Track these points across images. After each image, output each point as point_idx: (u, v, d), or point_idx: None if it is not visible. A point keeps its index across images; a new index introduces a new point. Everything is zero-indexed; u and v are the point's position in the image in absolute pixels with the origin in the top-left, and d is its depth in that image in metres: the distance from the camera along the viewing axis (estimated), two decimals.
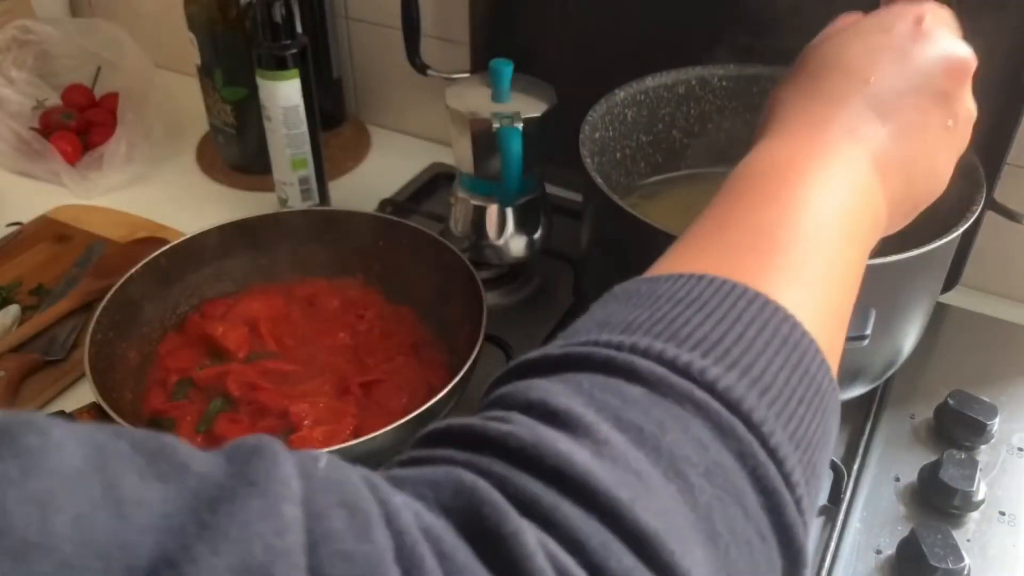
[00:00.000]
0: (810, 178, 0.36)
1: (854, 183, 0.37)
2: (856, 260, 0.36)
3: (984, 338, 0.77)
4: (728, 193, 0.36)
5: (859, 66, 0.40)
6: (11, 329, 0.76)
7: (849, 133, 0.38)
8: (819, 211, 0.35)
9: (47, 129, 1.00)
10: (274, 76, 0.79)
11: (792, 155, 0.37)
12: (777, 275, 0.32)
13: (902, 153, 0.39)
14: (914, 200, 0.41)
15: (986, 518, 0.61)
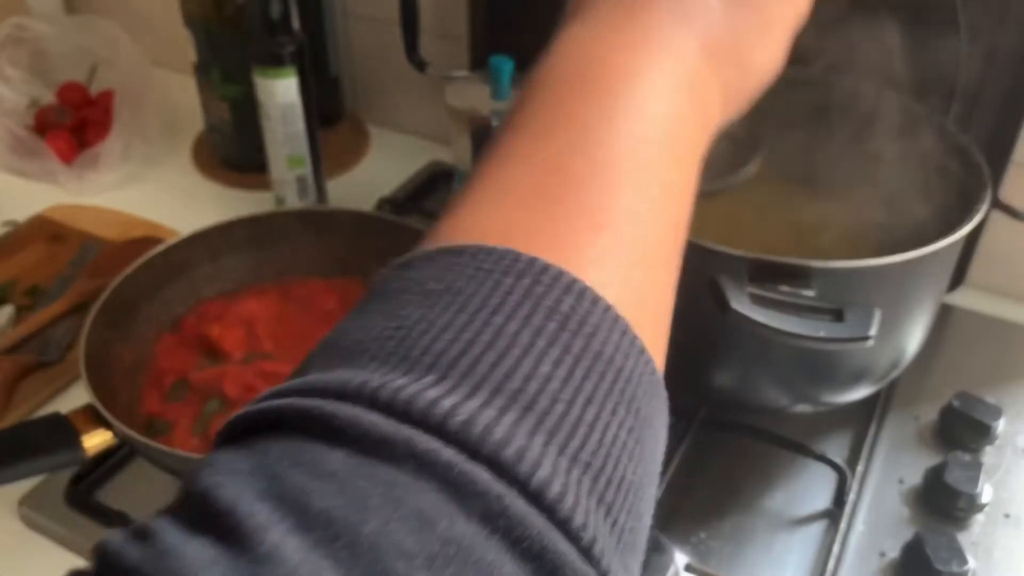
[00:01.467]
0: (628, 82, 0.29)
1: (682, 81, 0.30)
2: (686, 181, 0.30)
3: (989, 339, 0.76)
4: (525, 107, 0.29)
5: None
6: (5, 330, 0.76)
7: (675, 11, 0.31)
8: (640, 129, 0.28)
9: (42, 127, 0.99)
10: (271, 74, 0.78)
11: (604, 48, 0.30)
12: (582, 235, 0.25)
13: (736, 28, 0.32)
14: (749, 86, 0.34)
15: (991, 520, 0.60)
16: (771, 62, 0.35)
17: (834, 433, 0.67)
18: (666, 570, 0.54)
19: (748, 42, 0.33)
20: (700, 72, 0.31)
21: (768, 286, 0.49)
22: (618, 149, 0.27)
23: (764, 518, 0.61)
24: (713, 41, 0.31)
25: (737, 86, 0.33)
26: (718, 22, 0.32)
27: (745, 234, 0.67)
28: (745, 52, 0.33)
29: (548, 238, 0.24)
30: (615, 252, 0.25)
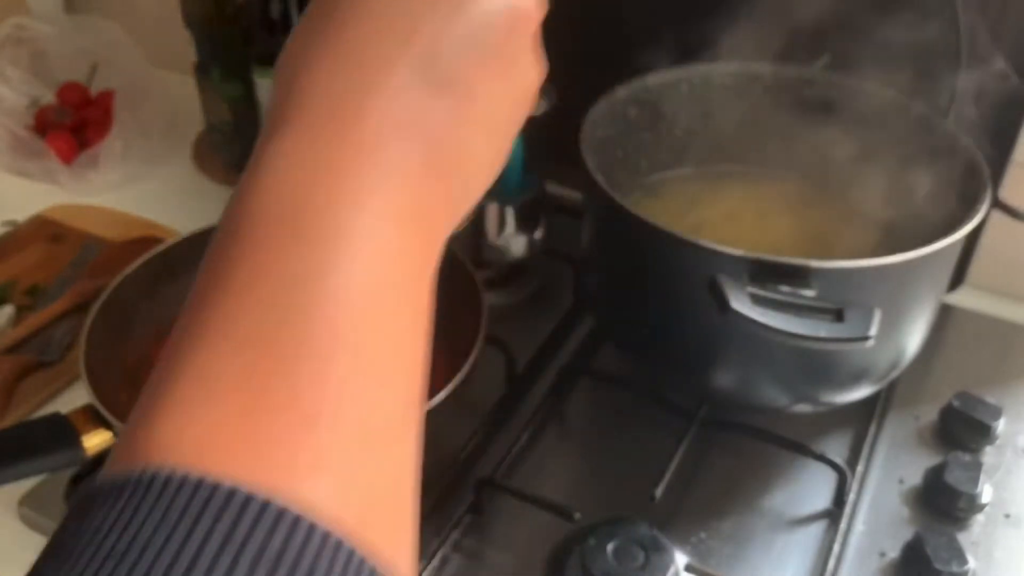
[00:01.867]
0: (340, 220, 0.24)
1: (404, 206, 0.26)
2: (416, 320, 0.26)
3: (989, 339, 0.76)
4: (223, 253, 0.25)
5: (402, 16, 0.28)
6: (5, 330, 0.76)
7: (394, 119, 0.27)
8: (358, 280, 0.24)
9: (42, 127, 0.99)
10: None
11: (312, 174, 0.25)
12: (294, 436, 0.21)
13: (461, 134, 0.29)
14: (474, 193, 0.31)
15: (991, 521, 0.61)
16: (497, 165, 0.32)
17: (834, 433, 0.67)
18: (666, 570, 0.54)
19: (475, 146, 0.30)
20: (425, 189, 0.27)
21: (768, 286, 0.49)
22: (332, 311, 0.23)
23: (764, 518, 0.61)
24: (437, 150, 0.28)
25: (463, 195, 0.30)
26: (442, 128, 0.28)
27: (745, 234, 0.67)
28: (472, 157, 0.30)
29: (252, 448, 0.21)
30: (334, 451, 0.22)
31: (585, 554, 0.55)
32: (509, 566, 0.58)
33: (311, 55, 0.28)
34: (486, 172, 0.31)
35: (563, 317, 0.76)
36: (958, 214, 0.56)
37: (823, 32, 0.64)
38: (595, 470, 0.66)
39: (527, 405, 0.69)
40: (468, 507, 0.60)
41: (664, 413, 0.66)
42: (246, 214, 0.25)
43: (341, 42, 0.28)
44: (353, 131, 0.26)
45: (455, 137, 0.29)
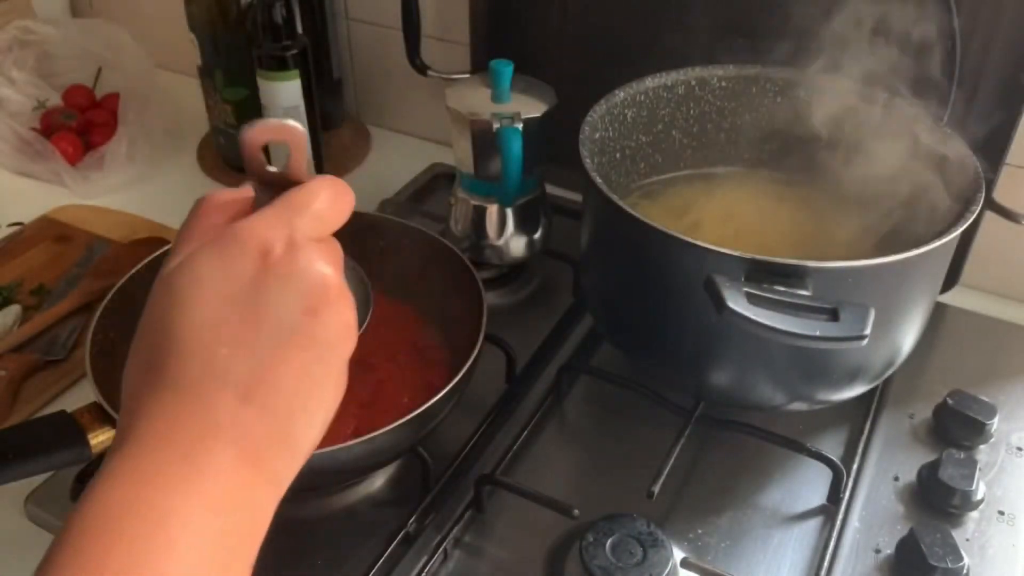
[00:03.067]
0: (161, 521, 0.29)
1: (221, 498, 0.31)
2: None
3: (983, 338, 0.77)
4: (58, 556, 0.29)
5: (204, 336, 0.32)
6: (12, 329, 0.76)
7: (208, 431, 0.32)
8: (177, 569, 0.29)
9: (48, 129, 1.00)
10: (275, 76, 0.79)
11: (138, 484, 0.30)
12: None
13: (277, 425, 0.33)
14: (302, 456, 0.35)
15: (985, 517, 0.61)
16: (320, 431, 0.36)
17: (830, 431, 0.68)
18: (664, 566, 0.55)
19: (294, 424, 0.34)
20: (241, 478, 0.32)
21: (764, 286, 0.50)
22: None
23: (760, 514, 0.62)
24: (252, 444, 0.32)
25: (290, 463, 0.35)
26: (254, 426, 0.32)
27: (741, 234, 0.67)
28: (291, 438, 0.34)
29: None
30: None
31: (584, 550, 0.55)
32: (509, 562, 0.59)
33: (136, 378, 0.34)
34: (309, 443, 0.36)
35: (562, 317, 0.77)
36: (952, 215, 0.57)
37: (819, 35, 0.65)
38: (594, 467, 0.66)
39: (527, 403, 0.70)
40: (469, 504, 0.61)
41: (662, 411, 0.66)
42: (80, 521, 0.30)
43: (156, 367, 0.33)
44: (170, 447, 0.31)
45: (270, 427, 0.33)
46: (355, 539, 0.59)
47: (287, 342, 0.33)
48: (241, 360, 0.32)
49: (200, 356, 0.32)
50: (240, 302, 0.33)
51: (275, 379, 0.33)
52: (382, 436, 0.53)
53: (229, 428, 0.32)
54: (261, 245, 0.33)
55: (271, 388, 0.33)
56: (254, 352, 0.33)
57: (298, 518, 0.61)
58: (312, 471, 0.55)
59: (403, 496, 0.62)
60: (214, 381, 0.32)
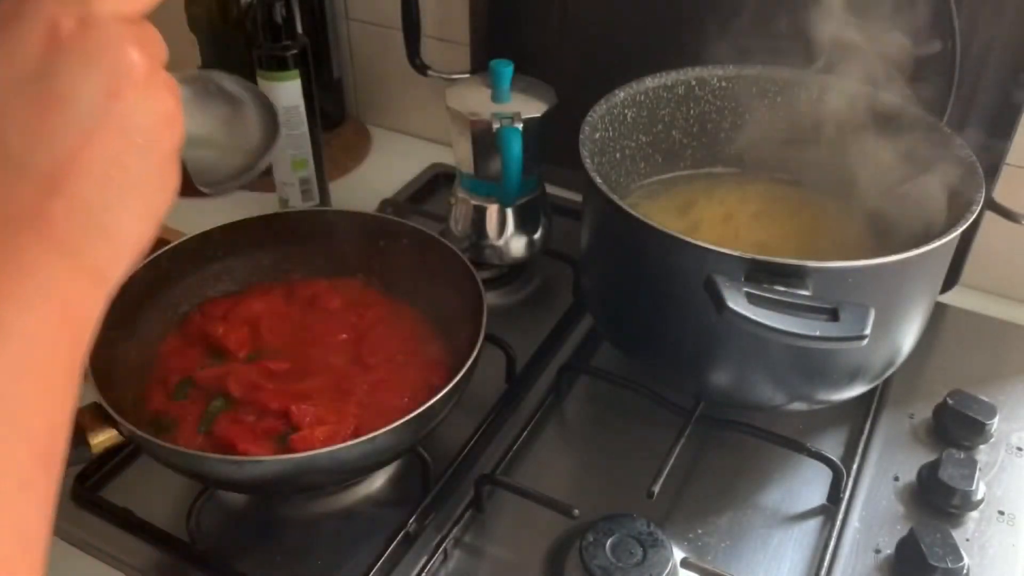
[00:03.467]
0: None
1: (36, 292, 0.29)
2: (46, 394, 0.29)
3: (983, 338, 0.77)
4: None
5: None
6: None
7: (10, 225, 0.29)
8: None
9: None
10: (275, 77, 0.79)
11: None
12: None
13: (91, 216, 0.31)
14: (129, 244, 0.33)
15: (985, 517, 0.61)
16: (146, 226, 0.34)
17: (830, 430, 0.68)
18: (664, 566, 0.55)
19: (110, 220, 0.32)
20: (55, 271, 0.30)
21: (764, 285, 0.50)
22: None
23: (760, 514, 0.62)
24: (64, 236, 0.30)
25: (113, 258, 0.32)
26: (63, 216, 0.30)
27: (742, 234, 0.67)
28: (109, 230, 0.32)
29: None
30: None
31: (584, 550, 0.55)
32: (509, 562, 0.59)
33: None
34: (134, 235, 0.33)
35: (562, 316, 0.77)
36: (952, 215, 0.57)
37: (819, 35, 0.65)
38: (594, 467, 0.66)
39: (527, 403, 0.70)
40: (469, 503, 0.61)
41: (662, 411, 0.66)
42: None
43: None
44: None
45: (76, 217, 0.31)
46: (355, 539, 0.59)
47: (90, 128, 0.31)
48: (39, 149, 0.30)
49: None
50: (29, 86, 0.30)
51: (81, 168, 0.30)
52: (382, 436, 0.53)
53: (35, 221, 0.30)
54: (48, 21, 0.30)
55: (78, 178, 0.30)
56: (53, 140, 0.30)
57: (298, 518, 0.61)
58: (312, 471, 0.55)
59: (403, 496, 0.62)
60: (10, 167, 0.30)
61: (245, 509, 0.63)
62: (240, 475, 0.55)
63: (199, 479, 0.58)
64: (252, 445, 0.58)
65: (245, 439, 0.59)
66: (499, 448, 0.65)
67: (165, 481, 0.61)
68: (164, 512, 0.60)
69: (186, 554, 0.58)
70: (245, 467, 0.54)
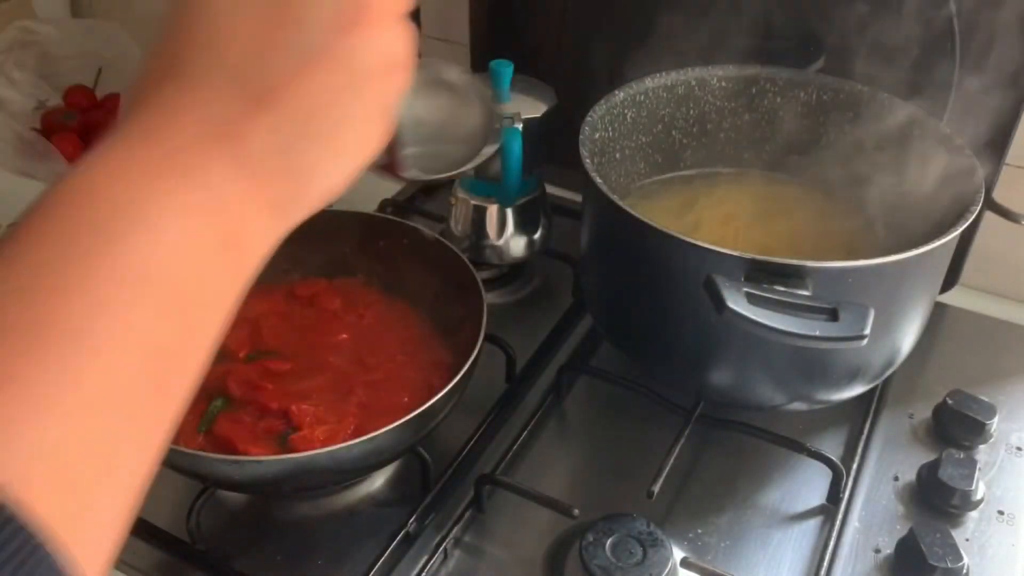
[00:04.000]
0: (130, 212, 0.26)
1: (211, 207, 0.28)
2: (193, 325, 0.27)
3: (983, 338, 0.77)
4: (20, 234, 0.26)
5: (220, 26, 0.29)
6: None
7: (203, 129, 0.28)
8: (134, 270, 0.25)
9: (49, 130, 1.00)
10: None
11: (115, 171, 0.27)
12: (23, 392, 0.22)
13: (285, 144, 0.30)
14: (309, 197, 0.32)
15: (985, 517, 0.61)
16: (340, 174, 0.33)
17: (829, 430, 0.68)
18: (664, 565, 0.55)
19: (301, 150, 0.30)
20: (234, 192, 0.29)
21: (764, 286, 0.50)
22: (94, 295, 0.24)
23: (760, 514, 0.62)
24: (253, 157, 0.29)
25: (295, 195, 0.31)
26: (262, 137, 0.29)
27: (741, 234, 0.67)
28: (301, 165, 0.31)
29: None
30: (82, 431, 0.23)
31: (584, 550, 0.55)
32: (509, 561, 0.59)
33: (146, 68, 0.30)
34: (331, 168, 0.32)
35: (562, 316, 0.77)
36: (952, 215, 0.57)
37: (819, 35, 0.65)
38: (594, 467, 0.66)
39: (527, 403, 0.70)
40: (469, 503, 0.61)
41: (661, 411, 0.66)
42: (44, 205, 0.26)
43: (165, 56, 0.30)
44: (162, 136, 0.28)
45: (280, 142, 0.29)
46: (355, 539, 0.59)
47: (312, 56, 0.29)
48: (257, 61, 0.29)
49: (213, 47, 0.29)
50: (263, 2, 0.29)
51: (292, 93, 0.29)
52: (382, 436, 0.53)
53: (232, 131, 0.28)
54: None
55: (286, 101, 0.29)
56: (274, 57, 0.29)
57: (298, 518, 0.61)
58: (312, 471, 0.55)
59: (403, 496, 0.62)
60: (223, 77, 0.29)
61: (245, 509, 0.63)
62: (240, 475, 0.55)
63: (199, 479, 0.58)
64: (252, 445, 0.59)
65: (245, 439, 0.59)
66: (499, 448, 0.65)
67: (165, 481, 0.61)
68: (164, 512, 0.60)
69: (186, 554, 0.58)
70: (245, 467, 0.54)
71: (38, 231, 0.25)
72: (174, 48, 0.29)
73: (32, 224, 0.26)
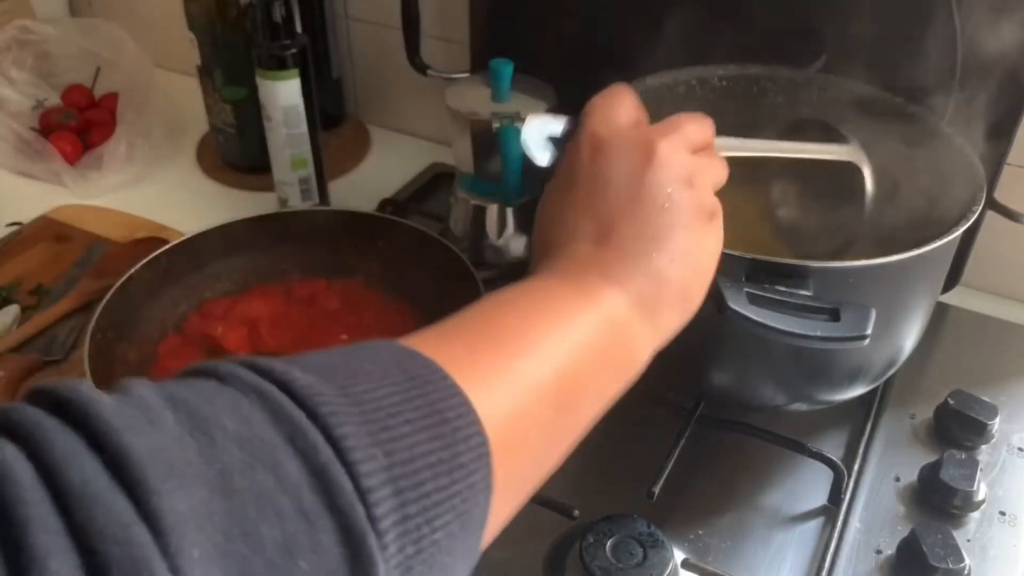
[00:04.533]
0: (558, 315, 0.39)
1: (604, 323, 0.40)
2: (587, 391, 0.39)
3: (984, 338, 0.77)
4: (478, 313, 0.38)
5: (594, 203, 0.43)
6: (11, 329, 0.76)
7: (609, 277, 0.41)
8: (556, 339, 0.37)
9: (47, 129, 1.00)
10: (274, 76, 0.79)
11: (549, 294, 0.40)
12: (483, 373, 0.34)
13: (631, 255, 0.42)
14: (678, 321, 0.44)
15: (986, 518, 0.61)
16: (701, 285, 0.44)
17: (830, 431, 0.67)
18: (664, 566, 0.55)
19: (648, 261, 0.42)
20: (626, 317, 0.40)
21: (765, 286, 0.50)
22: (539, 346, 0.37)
23: (761, 515, 0.61)
24: (642, 298, 0.41)
25: (668, 323, 0.43)
26: (648, 284, 0.41)
27: (742, 234, 0.67)
28: (652, 273, 0.42)
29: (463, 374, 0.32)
30: (508, 408, 0.34)
31: (584, 551, 0.55)
32: (509, 562, 0.58)
33: (564, 218, 0.44)
34: (686, 311, 0.44)
35: None
36: (953, 215, 0.56)
37: (820, 33, 0.65)
38: (594, 468, 0.66)
39: None
40: None
41: (662, 411, 0.66)
42: (503, 300, 0.39)
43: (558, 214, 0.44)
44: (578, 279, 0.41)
45: (621, 259, 0.42)
46: None
47: (626, 197, 0.42)
48: (588, 218, 0.43)
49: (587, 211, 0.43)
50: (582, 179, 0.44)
51: (619, 226, 0.42)
52: None
53: (596, 264, 0.41)
54: (591, 135, 0.45)
55: (618, 233, 0.42)
56: (600, 211, 0.43)
57: None
58: None
59: None
60: (571, 238, 0.43)
61: None
62: None
63: None
64: None
65: None
66: None
67: None
68: None
69: None
70: None
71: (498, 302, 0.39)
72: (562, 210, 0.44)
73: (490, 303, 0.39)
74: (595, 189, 0.43)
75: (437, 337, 0.35)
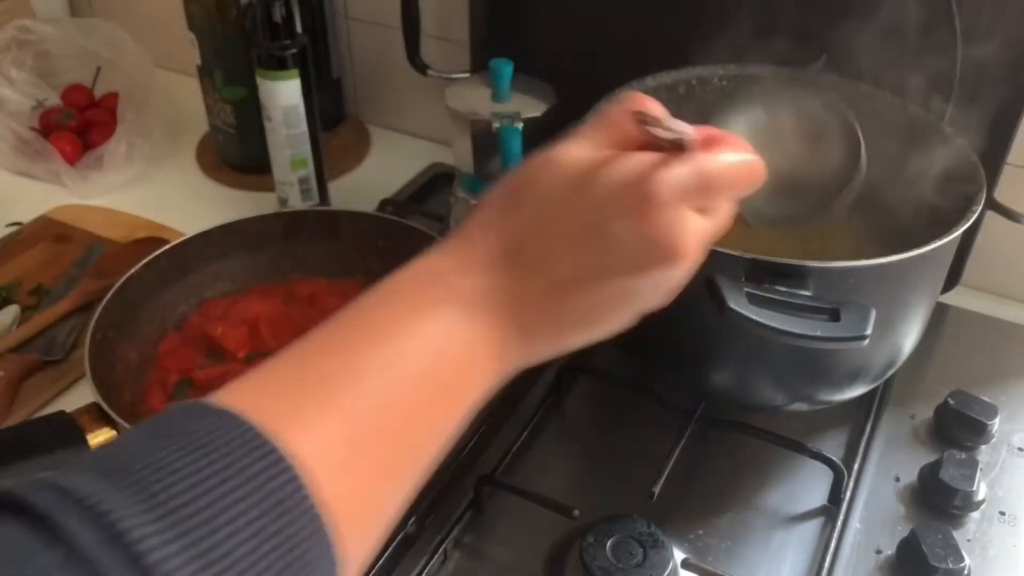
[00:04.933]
0: (407, 322, 0.36)
1: (475, 331, 0.36)
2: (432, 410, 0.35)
3: (984, 338, 0.77)
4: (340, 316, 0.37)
5: (504, 217, 0.39)
6: (11, 329, 0.76)
7: (481, 290, 0.37)
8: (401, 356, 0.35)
9: (47, 129, 1.00)
10: (274, 76, 0.79)
11: (407, 284, 0.38)
12: (310, 414, 0.31)
13: (555, 316, 0.38)
14: (570, 345, 0.40)
15: (986, 518, 0.61)
16: (589, 340, 0.40)
17: (831, 431, 0.67)
18: (664, 566, 0.55)
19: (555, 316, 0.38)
20: (497, 329, 0.37)
21: (765, 286, 0.49)
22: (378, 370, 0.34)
23: (761, 515, 0.61)
24: (525, 318, 0.38)
25: (539, 345, 0.39)
26: (521, 297, 0.37)
27: (743, 234, 0.67)
28: (553, 322, 0.38)
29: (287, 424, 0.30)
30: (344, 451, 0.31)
31: (584, 551, 0.55)
32: (509, 562, 0.58)
33: (481, 216, 0.40)
34: (574, 333, 0.39)
35: None
36: (953, 215, 0.56)
37: (820, 34, 0.64)
38: (594, 468, 0.66)
39: (527, 404, 0.70)
40: (469, 504, 0.61)
41: (662, 411, 0.66)
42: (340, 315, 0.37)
43: (470, 225, 0.39)
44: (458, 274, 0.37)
45: (534, 306, 0.37)
46: None
47: (584, 236, 0.37)
48: (526, 239, 0.38)
49: (495, 226, 0.39)
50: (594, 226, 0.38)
51: (551, 263, 0.37)
52: None
53: (502, 290, 0.37)
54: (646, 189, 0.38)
55: (549, 269, 0.37)
56: (580, 270, 0.38)
57: None
58: None
59: None
60: (499, 248, 0.38)
61: None
62: None
63: None
64: None
65: None
66: (499, 449, 0.65)
67: None
68: None
69: None
70: None
71: (347, 314, 0.37)
72: (478, 217, 0.40)
73: (346, 313, 0.37)
74: (548, 207, 0.38)
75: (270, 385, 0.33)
